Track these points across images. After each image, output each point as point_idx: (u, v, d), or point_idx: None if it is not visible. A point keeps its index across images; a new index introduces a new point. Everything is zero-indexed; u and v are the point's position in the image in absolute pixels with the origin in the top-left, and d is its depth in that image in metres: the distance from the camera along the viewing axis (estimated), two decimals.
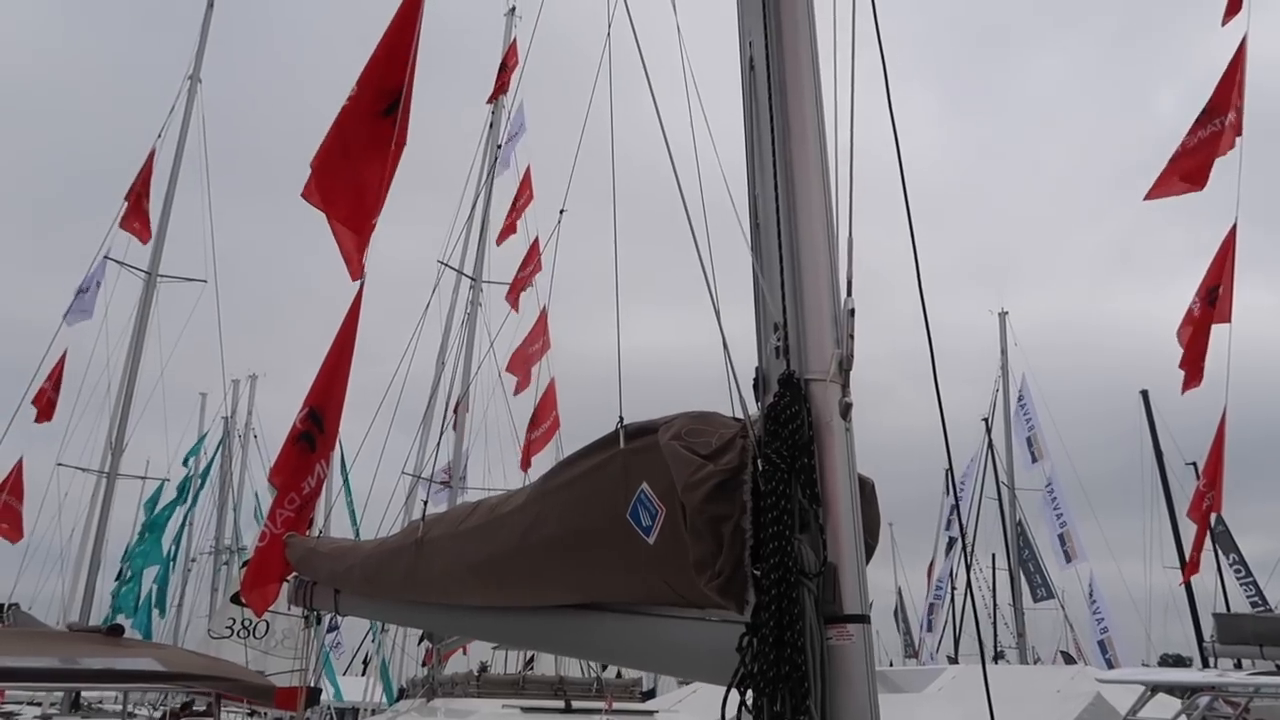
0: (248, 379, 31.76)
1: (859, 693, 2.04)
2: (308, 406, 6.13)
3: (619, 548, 2.58)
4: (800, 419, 2.25)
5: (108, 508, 18.15)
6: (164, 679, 3.88)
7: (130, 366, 18.55)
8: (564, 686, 14.60)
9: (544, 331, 18.99)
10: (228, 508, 31.05)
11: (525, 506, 2.98)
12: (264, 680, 4.77)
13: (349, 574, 4.38)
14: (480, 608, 3.32)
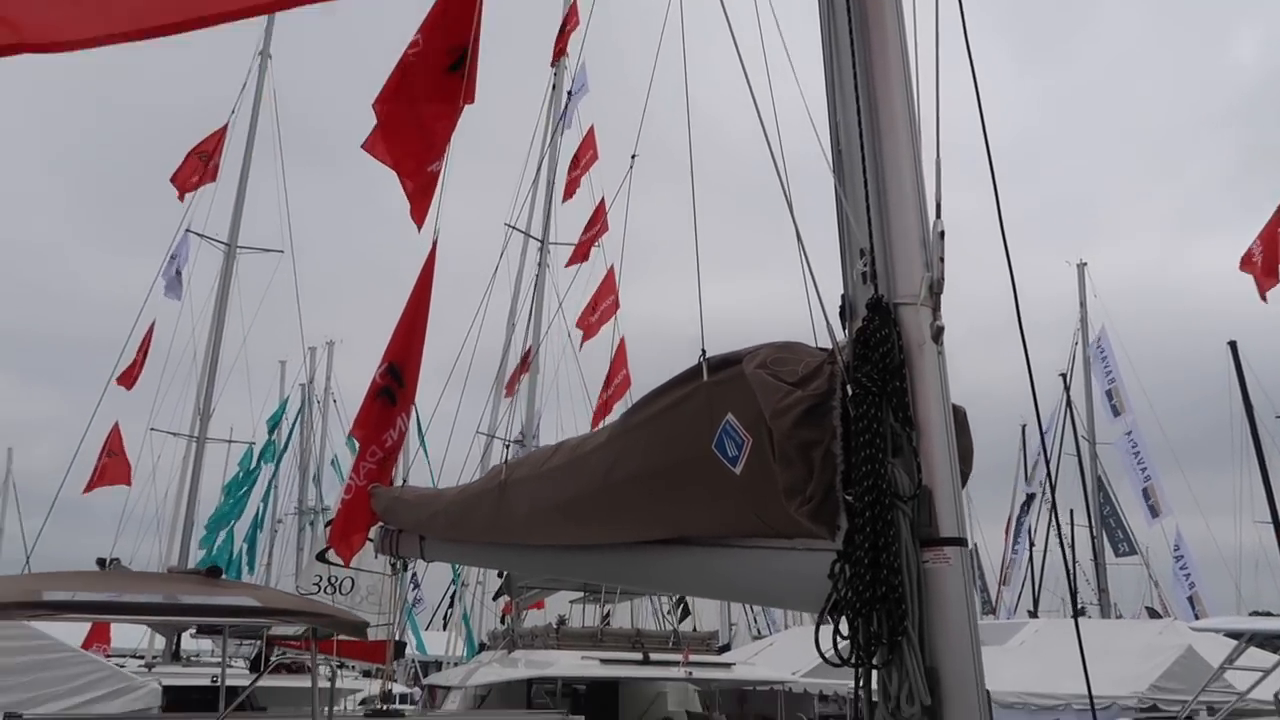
0: (325, 346, 32.57)
1: (957, 615, 2.00)
2: (386, 362, 6.25)
3: (705, 480, 2.57)
4: (890, 342, 2.20)
5: (198, 470, 18.88)
6: (262, 614, 4.03)
7: (214, 335, 19.16)
8: (641, 639, 14.79)
9: (612, 290, 19.01)
10: (309, 471, 32.02)
11: (607, 444, 2.98)
12: (357, 617, 4.92)
13: (433, 520, 4.47)
14: (566, 547, 3.35)
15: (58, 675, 7.32)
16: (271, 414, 29.55)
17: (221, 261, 19.84)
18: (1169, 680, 12.22)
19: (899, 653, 1.95)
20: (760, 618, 39.87)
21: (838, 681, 19.05)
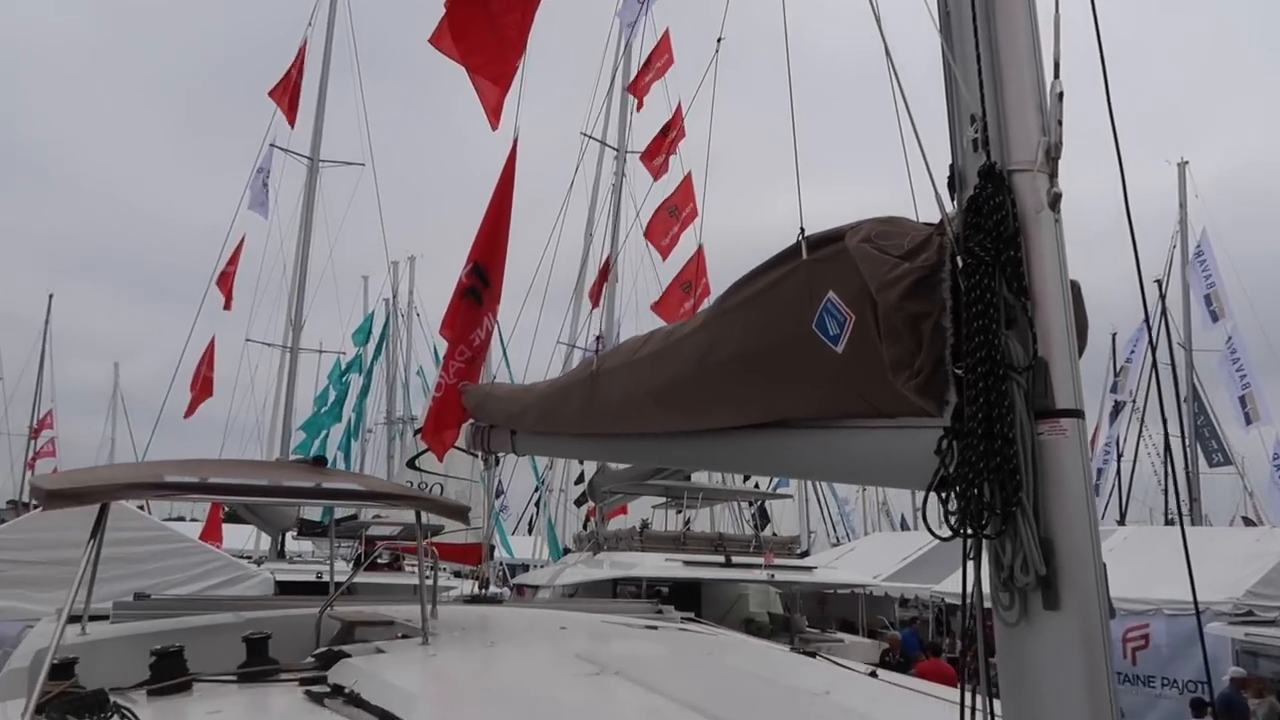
0: (406, 260, 33.11)
1: (1074, 487, 1.94)
2: (472, 262, 6.31)
3: (804, 361, 2.52)
4: (1004, 210, 2.09)
5: (293, 379, 19.59)
6: (369, 497, 4.19)
7: (301, 248, 19.62)
8: (723, 543, 15.05)
9: (690, 197, 18.76)
10: (396, 382, 32.95)
11: (702, 329, 2.95)
12: (459, 502, 5.07)
13: (525, 414, 4.53)
14: (661, 435, 3.36)
15: (181, 563, 7.84)
16: (357, 327, 30.40)
17: (305, 176, 20.18)
18: (1266, 586, 11.96)
19: (1013, 523, 1.91)
20: (839, 525, 40.16)
21: (918, 585, 19.18)
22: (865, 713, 2.95)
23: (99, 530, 3.40)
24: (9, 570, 7.69)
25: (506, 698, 3.11)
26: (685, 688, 2.97)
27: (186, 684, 3.24)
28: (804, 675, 3.56)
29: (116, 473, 3.63)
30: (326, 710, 2.86)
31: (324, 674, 3.16)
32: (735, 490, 19.64)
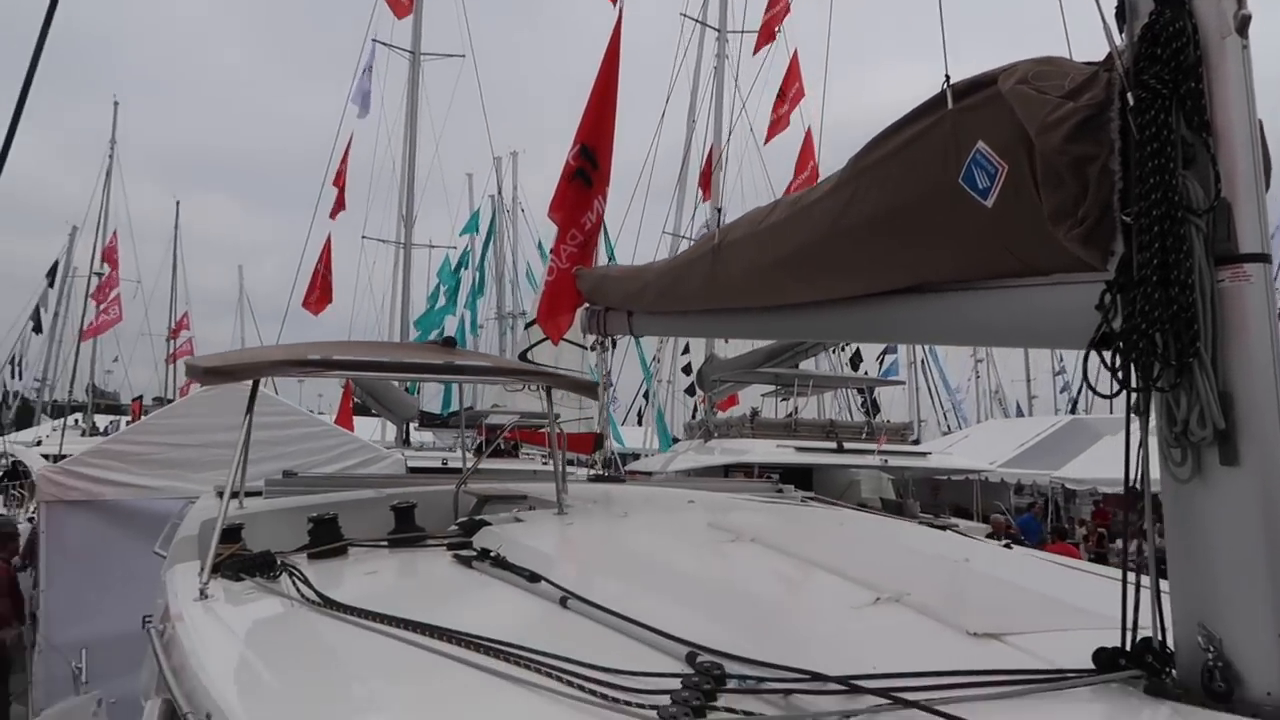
0: (509, 156, 33.22)
1: (1257, 337, 1.81)
2: (579, 144, 6.23)
3: (949, 219, 2.41)
4: (1184, 36, 1.91)
5: (408, 275, 20.14)
6: (502, 372, 4.30)
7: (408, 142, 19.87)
8: (835, 429, 15.02)
9: (797, 77, 18.06)
10: (504, 277, 33.53)
11: (835, 191, 2.83)
12: (588, 378, 5.18)
13: (642, 294, 4.51)
14: (788, 307, 3.30)
15: (320, 445, 8.33)
16: (464, 224, 30.88)
17: (407, 71, 20.25)
18: None
19: (1189, 375, 1.80)
20: (950, 414, 39.49)
21: (1036, 471, 18.82)
22: (1013, 580, 2.92)
23: (251, 406, 3.59)
24: (165, 453, 8.31)
25: (647, 561, 3.20)
26: (823, 553, 2.99)
27: (342, 549, 3.44)
28: (939, 545, 3.55)
29: (266, 352, 3.81)
30: (475, 571, 3.00)
31: (468, 540, 3.30)
32: (845, 377, 19.48)
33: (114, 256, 29.33)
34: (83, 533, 8.13)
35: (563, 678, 1.93)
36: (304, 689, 2.22)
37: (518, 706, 1.91)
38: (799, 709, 1.82)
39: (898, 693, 1.76)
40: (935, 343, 11.69)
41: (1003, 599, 2.66)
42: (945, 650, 2.08)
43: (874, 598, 2.45)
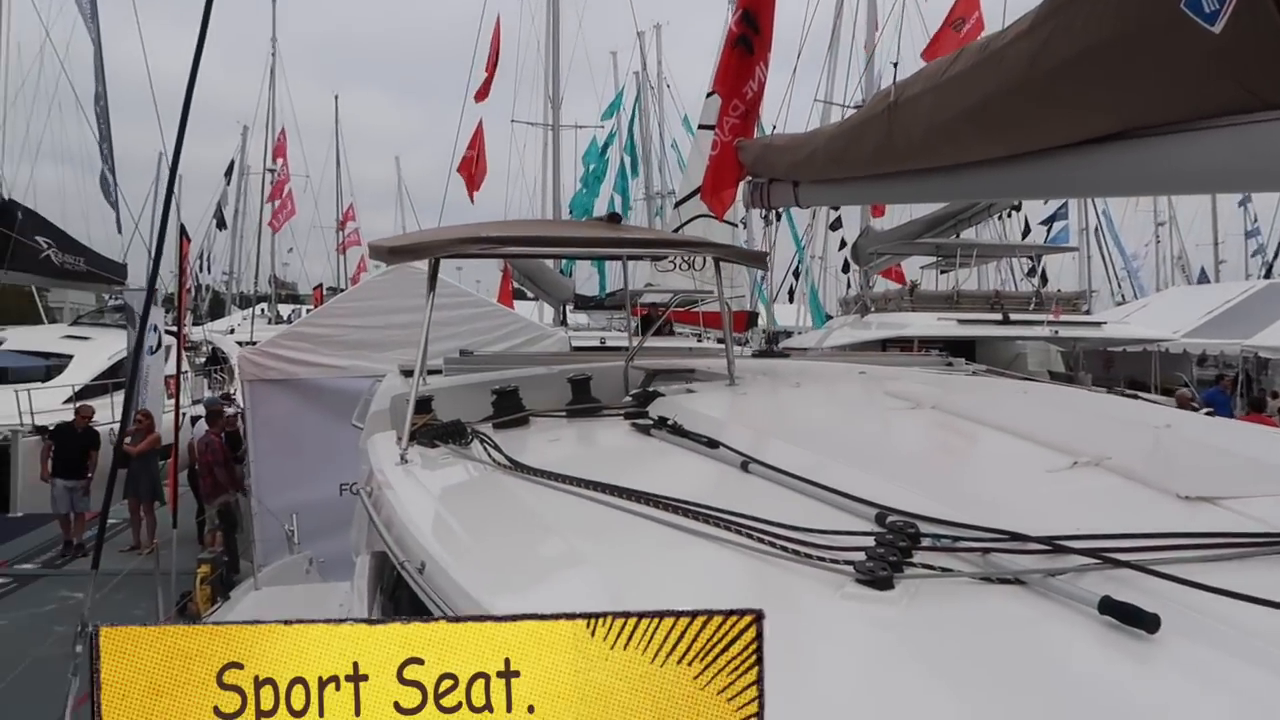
0: (653, 30, 32.42)
1: None
2: (741, 8, 5.99)
3: (1166, 51, 2.18)
4: None
5: (557, 157, 20.31)
6: (671, 244, 4.32)
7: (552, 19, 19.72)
8: (1000, 300, 14.38)
9: None
10: (652, 157, 33.24)
11: (1030, 32, 2.61)
12: (756, 249, 5.14)
13: (809, 162, 4.37)
14: (973, 164, 3.11)
15: (490, 325, 8.70)
16: (609, 104, 30.62)
17: None
18: None
19: None
20: (1125, 282, 37.04)
21: (1225, 341, 17.49)
22: (1222, 445, 2.75)
23: (433, 285, 3.74)
24: (348, 334, 8.89)
25: (825, 428, 3.19)
26: (1011, 418, 2.90)
27: (524, 419, 3.60)
28: (1135, 411, 3.37)
29: (446, 231, 3.94)
30: (653, 439, 3.08)
31: (644, 410, 3.38)
32: (1012, 245, 18.50)
33: (283, 153, 30.83)
34: (281, 408, 8.87)
35: (752, 534, 1.97)
36: (507, 542, 2.37)
37: (711, 562, 1.96)
38: (1000, 567, 1.79)
39: (1108, 553, 1.71)
40: (1142, 194, 10.82)
41: (1213, 463, 2.51)
42: (1154, 513, 2.00)
43: (1071, 462, 2.36)
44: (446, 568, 2.10)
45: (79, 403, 12.90)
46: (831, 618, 1.67)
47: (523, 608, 1.81)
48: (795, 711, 1.36)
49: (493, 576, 2.06)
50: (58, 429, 12.52)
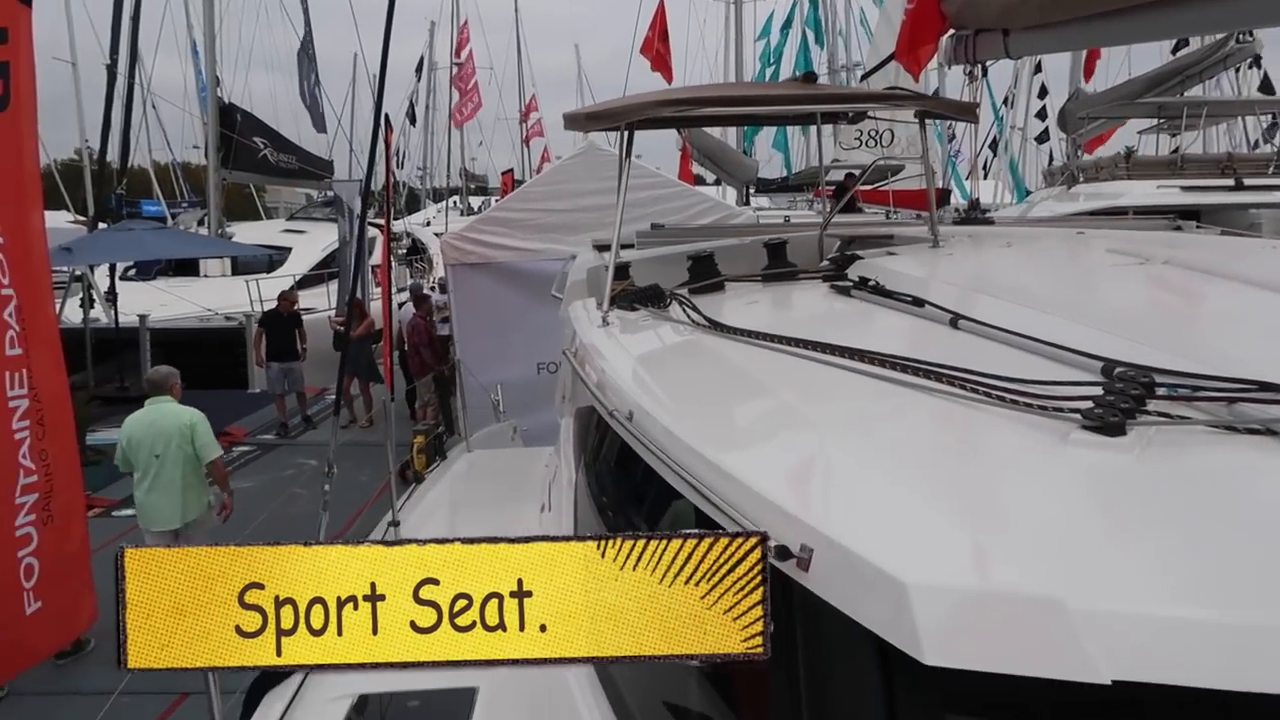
0: None
1: None
2: None
3: None
4: None
5: (739, 32, 19.67)
6: (871, 99, 4.14)
7: None
8: (1233, 163, 12.90)
9: None
10: (834, 30, 31.57)
11: None
12: (964, 101, 4.85)
13: (1024, 6, 4.02)
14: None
15: (678, 205, 8.75)
16: None
17: None
18: None
19: None
20: None
21: None
22: None
23: (628, 153, 3.76)
24: (540, 218, 9.16)
25: (1041, 284, 3.02)
26: (1257, 273, 2.64)
27: (719, 284, 3.62)
28: None
29: (639, 98, 3.93)
30: (853, 300, 3.02)
31: (843, 272, 3.31)
32: (1251, 100, 16.44)
33: (467, 46, 31.44)
34: (481, 291, 9.32)
35: (967, 386, 1.92)
36: (712, 394, 2.41)
37: (925, 415, 1.93)
38: (1246, 417, 1.67)
39: None
40: None
41: None
42: None
43: None
44: (655, 414, 2.17)
45: (282, 290, 13.97)
46: (1057, 463, 1.62)
47: (732, 454, 1.86)
48: (1023, 552, 1.34)
49: (700, 423, 2.11)
50: (266, 316, 13.57)
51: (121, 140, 16.95)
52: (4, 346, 3.46)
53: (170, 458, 6.33)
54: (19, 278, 3.51)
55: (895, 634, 1.24)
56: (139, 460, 6.37)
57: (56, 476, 3.73)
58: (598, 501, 2.97)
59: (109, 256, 15.32)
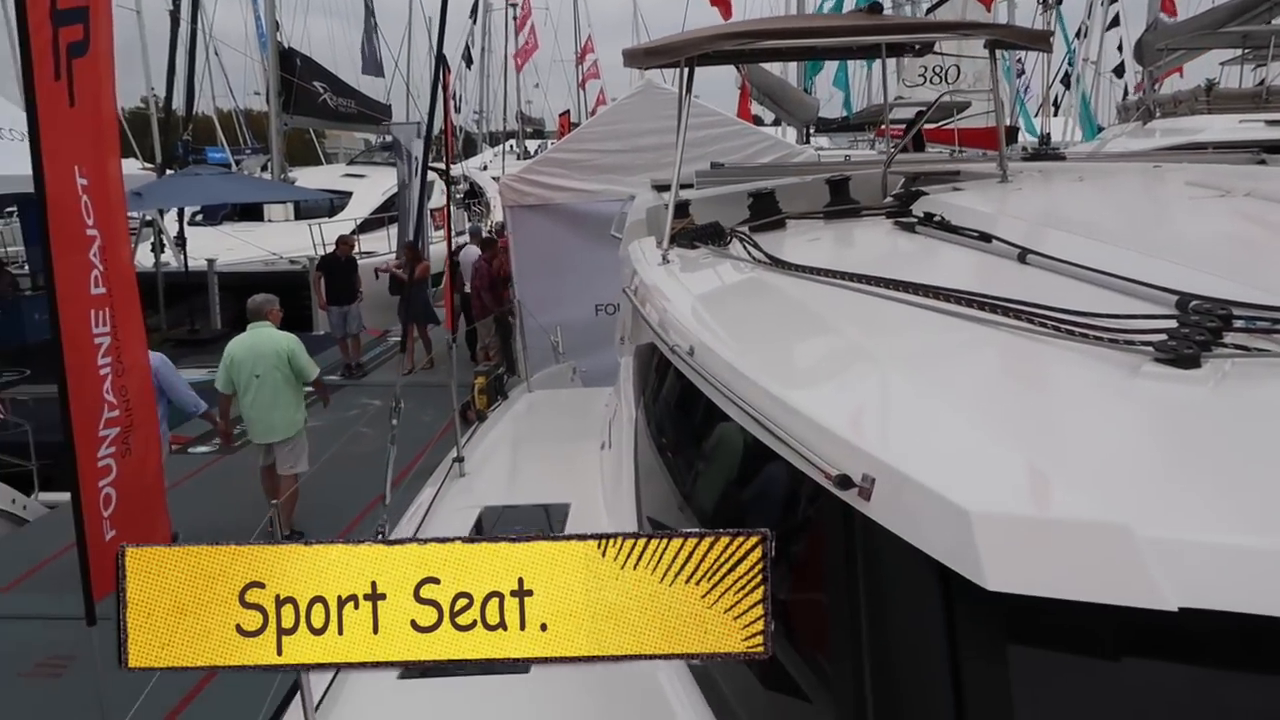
0: None
1: None
2: None
3: None
4: None
5: None
6: (941, 28, 4.03)
7: None
8: None
9: None
10: None
11: None
12: (1039, 30, 4.68)
13: None
14: None
15: (738, 144, 8.64)
16: None
17: None
18: None
19: None
20: None
21: None
22: None
23: (689, 88, 3.71)
24: (598, 159, 9.12)
25: (1115, 217, 2.93)
26: None
27: (780, 221, 3.58)
28: None
29: (698, 32, 3.86)
30: (918, 236, 2.97)
31: (907, 208, 3.25)
32: None
33: None
34: (539, 232, 9.35)
35: (1035, 321, 1.89)
36: (774, 329, 2.40)
37: (993, 349, 1.91)
38: None
39: None
40: None
41: None
42: None
43: None
44: (716, 349, 2.18)
45: (340, 234, 14.13)
46: (1128, 395, 1.59)
47: (794, 386, 1.86)
48: (1090, 480, 1.32)
49: (762, 357, 2.11)
50: (324, 260, 13.76)
51: (186, 86, 17.22)
52: (89, 285, 3.59)
53: (267, 378, 6.95)
54: (102, 219, 3.62)
55: (958, 560, 1.24)
56: (240, 379, 6.98)
57: (135, 412, 3.88)
58: (657, 438, 3.00)
59: (177, 201, 15.69)
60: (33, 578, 6.97)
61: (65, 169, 3.44)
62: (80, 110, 3.51)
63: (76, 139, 3.52)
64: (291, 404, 7.11)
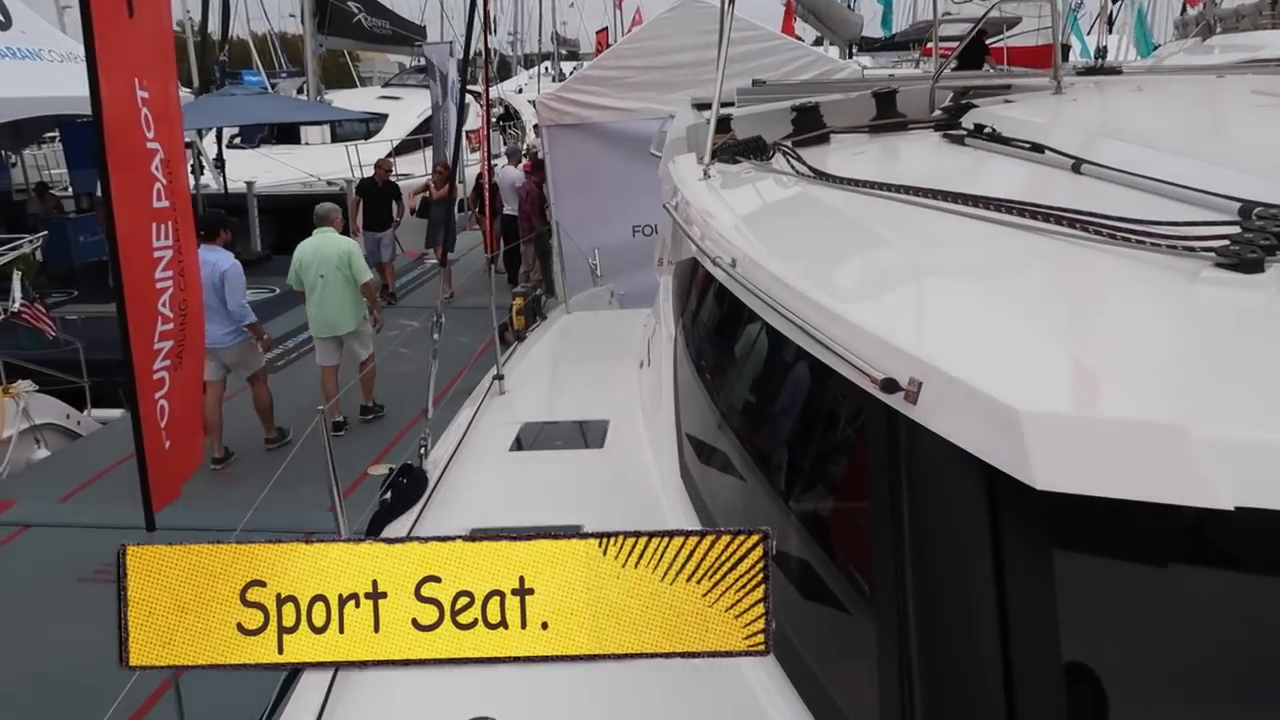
0: None
1: None
2: None
3: None
4: None
5: None
6: None
7: None
8: None
9: None
10: None
11: None
12: None
13: None
14: None
15: (780, 60, 8.43)
16: None
17: None
18: None
19: None
20: None
21: None
22: None
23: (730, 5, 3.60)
24: (635, 76, 8.94)
25: (1174, 126, 2.82)
26: None
27: (824, 136, 3.50)
28: None
29: None
30: (967, 148, 2.89)
31: (956, 120, 3.16)
32: None
33: None
34: (576, 152, 9.24)
35: (1090, 229, 1.84)
36: (818, 242, 2.37)
37: (1049, 259, 1.86)
38: None
39: None
40: None
41: None
42: None
43: None
44: (759, 259, 2.15)
45: (378, 158, 14.06)
46: (1187, 300, 1.55)
47: (838, 294, 1.84)
48: (1145, 382, 1.30)
49: (805, 266, 2.09)
50: (361, 184, 13.71)
51: (222, 9, 17.06)
52: (153, 198, 3.60)
53: (331, 278, 7.69)
54: (163, 134, 3.62)
55: (1005, 460, 1.23)
56: (307, 279, 7.77)
57: (189, 327, 3.94)
58: (696, 355, 2.99)
59: (215, 121, 15.69)
60: (89, 489, 7.22)
61: (125, 81, 3.41)
62: (139, 22, 3.47)
63: (137, 51, 3.48)
64: (352, 302, 7.83)
